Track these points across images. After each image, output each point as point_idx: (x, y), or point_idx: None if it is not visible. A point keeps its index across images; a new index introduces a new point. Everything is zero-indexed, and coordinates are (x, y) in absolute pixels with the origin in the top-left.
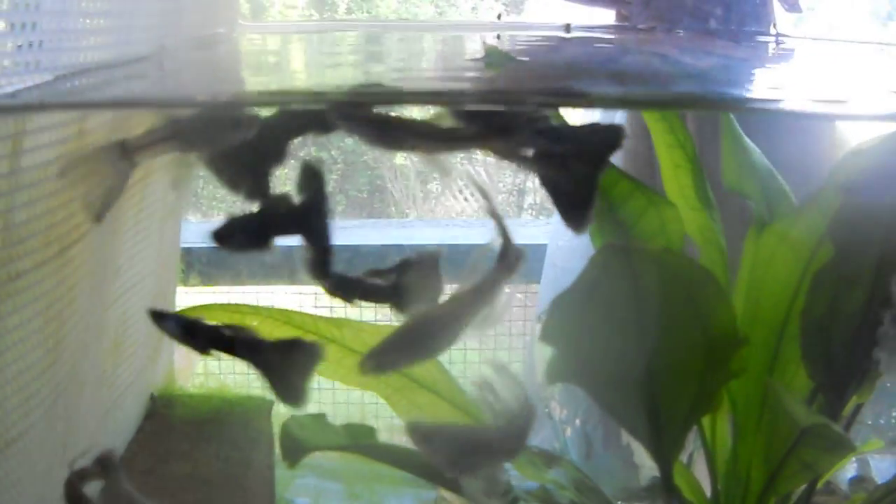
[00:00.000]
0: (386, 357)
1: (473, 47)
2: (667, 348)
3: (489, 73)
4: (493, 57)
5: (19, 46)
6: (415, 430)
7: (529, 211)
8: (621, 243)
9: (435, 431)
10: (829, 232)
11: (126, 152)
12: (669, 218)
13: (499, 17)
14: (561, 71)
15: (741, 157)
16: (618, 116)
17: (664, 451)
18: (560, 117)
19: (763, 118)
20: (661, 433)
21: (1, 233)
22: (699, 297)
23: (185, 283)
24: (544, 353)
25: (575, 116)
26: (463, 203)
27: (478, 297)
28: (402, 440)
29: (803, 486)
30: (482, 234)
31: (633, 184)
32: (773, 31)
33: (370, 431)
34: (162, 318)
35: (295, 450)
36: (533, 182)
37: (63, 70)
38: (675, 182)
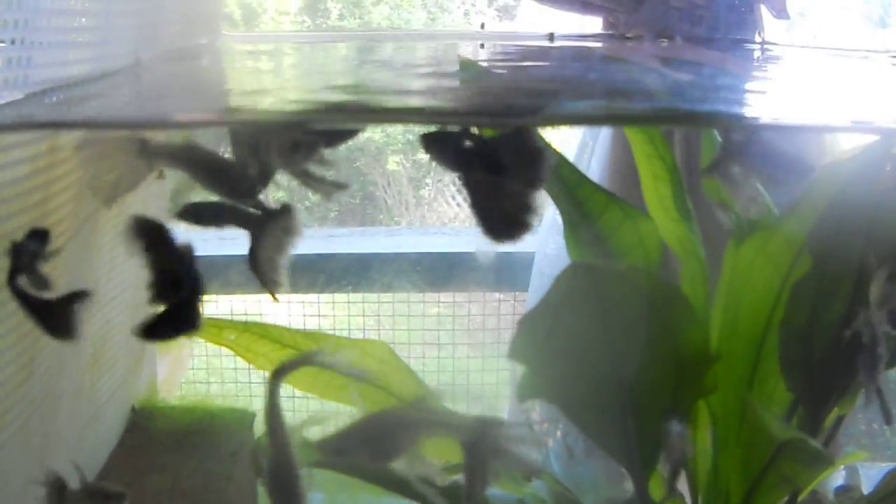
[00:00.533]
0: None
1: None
2: (637, 366)
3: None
4: (467, 71)
5: None
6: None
7: None
8: (586, 262)
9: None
10: (809, 243)
11: (145, 152)
12: (646, 231)
13: (482, 26)
14: (537, 86)
15: None
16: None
17: (638, 467)
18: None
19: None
20: (633, 449)
21: None
22: (668, 314)
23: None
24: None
25: (552, 135)
26: (455, 209)
27: None
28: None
29: (784, 500)
30: (469, 242)
31: (609, 196)
32: (758, 38)
33: None
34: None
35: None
36: None
37: (35, 87)
38: (655, 193)
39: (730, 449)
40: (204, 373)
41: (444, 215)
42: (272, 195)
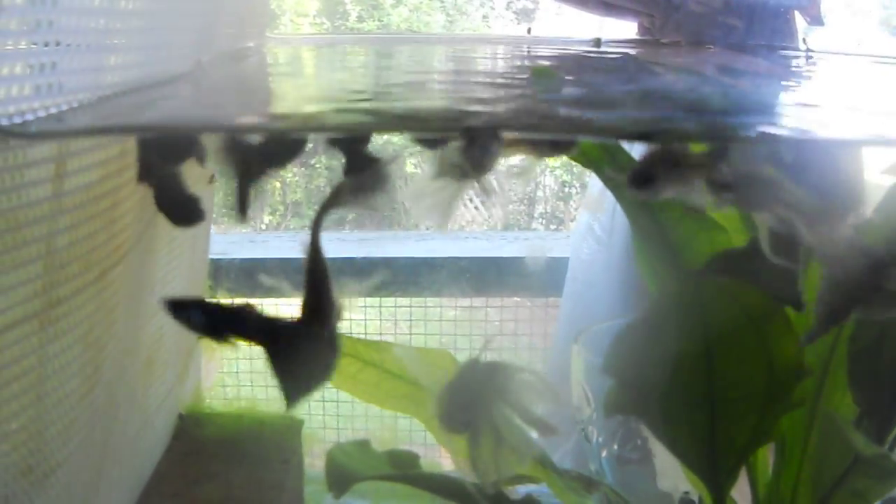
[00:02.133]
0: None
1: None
2: (730, 380)
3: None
4: (541, 78)
5: (42, 65)
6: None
7: (540, 220)
8: (694, 272)
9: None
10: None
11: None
12: (720, 242)
13: (528, 30)
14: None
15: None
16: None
17: (719, 483)
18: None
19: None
20: (717, 465)
21: (43, 259)
22: (766, 329)
23: (213, 296)
24: (580, 374)
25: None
26: (473, 212)
27: None
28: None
29: None
30: (501, 247)
31: (683, 206)
32: (803, 46)
33: (413, 458)
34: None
35: (342, 480)
36: (544, 191)
37: (102, 90)
38: None
39: (795, 461)
40: (248, 376)
41: (461, 218)
42: (289, 197)
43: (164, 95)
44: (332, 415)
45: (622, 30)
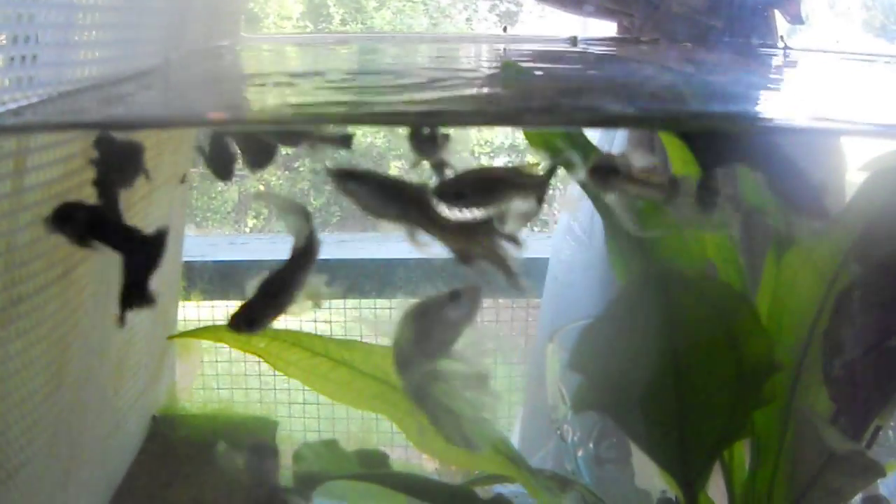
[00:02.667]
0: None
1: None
2: (698, 375)
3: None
4: (509, 72)
5: (12, 59)
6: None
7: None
8: (659, 267)
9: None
10: (854, 252)
11: None
12: (691, 238)
13: (504, 29)
14: (576, 87)
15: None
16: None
17: (690, 480)
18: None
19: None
20: (688, 461)
21: (3, 255)
22: (734, 323)
23: (187, 298)
24: (556, 373)
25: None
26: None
27: None
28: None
29: None
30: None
31: (655, 205)
32: (780, 43)
33: (383, 458)
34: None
35: (310, 479)
36: None
37: (66, 85)
38: None
39: (771, 459)
40: (226, 379)
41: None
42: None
43: (127, 93)
44: (313, 417)
45: (603, 29)
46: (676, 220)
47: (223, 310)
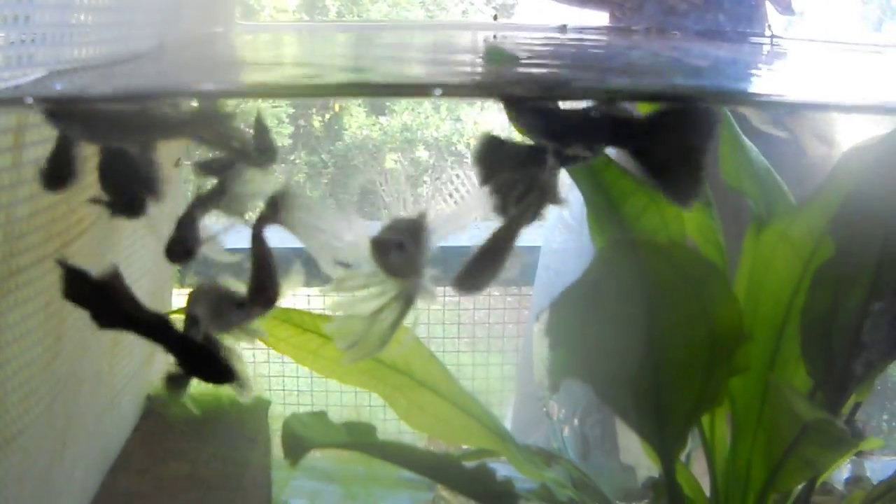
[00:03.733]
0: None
1: (471, 46)
2: (672, 343)
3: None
4: (493, 54)
5: (12, 43)
6: None
7: None
8: (629, 236)
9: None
10: (830, 230)
11: None
12: (671, 216)
13: (495, 17)
14: (565, 66)
15: (739, 155)
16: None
17: (667, 448)
18: None
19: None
20: (664, 429)
21: (2, 227)
22: (704, 291)
23: (182, 283)
24: (543, 351)
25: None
26: (453, 206)
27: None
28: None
29: (803, 485)
30: (473, 236)
31: (634, 181)
32: (768, 32)
33: (370, 429)
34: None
35: (297, 447)
36: None
37: (62, 64)
38: None
39: (750, 433)
40: None
41: (441, 213)
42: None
43: (122, 72)
44: (306, 391)
45: (596, 19)
46: None
47: None
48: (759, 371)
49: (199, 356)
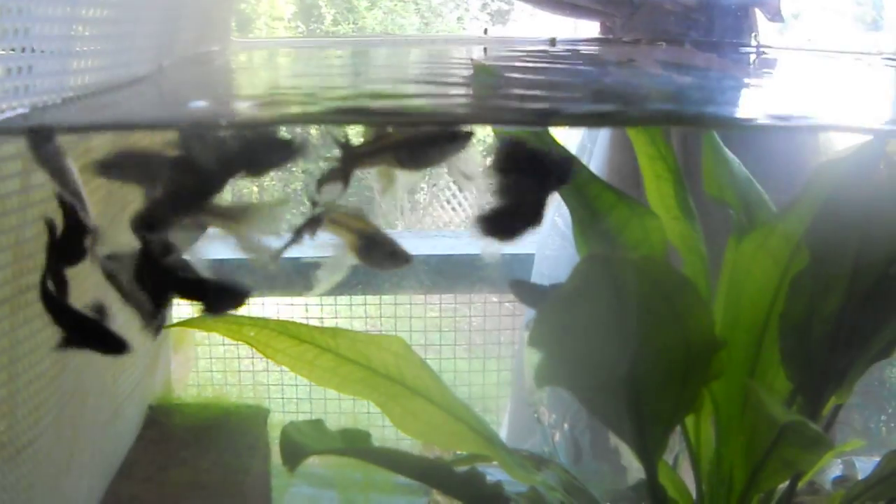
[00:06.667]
0: None
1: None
2: (649, 352)
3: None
4: (481, 76)
5: (9, 70)
6: None
7: None
8: (603, 252)
9: None
10: (806, 238)
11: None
12: (652, 227)
13: (485, 31)
14: (547, 89)
15: (721, 167)
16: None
17: (648, 451)
18: None
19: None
20: (644, 434)
21: (12, 248)
22: (678, 302)
23: None
24: (532, 358)
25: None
26: (451, 213)
27: None
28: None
29: (785, 485)
30: (469, 244)
31: (617, 195)
32: (753, 42)
33: (366, 436)
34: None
35: (294, 454)
36: None
37: (66, 93)
38: (658, 192)
39: (732, 436)
40: (220, 373)
41: (439, 220)
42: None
43: (125, 98)
44: (305, 399)
45: (588, 30)
46: None
47: None
48: (741, 376)
49: (89, 328)
